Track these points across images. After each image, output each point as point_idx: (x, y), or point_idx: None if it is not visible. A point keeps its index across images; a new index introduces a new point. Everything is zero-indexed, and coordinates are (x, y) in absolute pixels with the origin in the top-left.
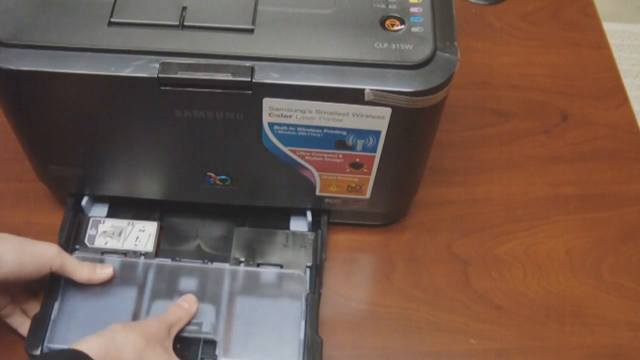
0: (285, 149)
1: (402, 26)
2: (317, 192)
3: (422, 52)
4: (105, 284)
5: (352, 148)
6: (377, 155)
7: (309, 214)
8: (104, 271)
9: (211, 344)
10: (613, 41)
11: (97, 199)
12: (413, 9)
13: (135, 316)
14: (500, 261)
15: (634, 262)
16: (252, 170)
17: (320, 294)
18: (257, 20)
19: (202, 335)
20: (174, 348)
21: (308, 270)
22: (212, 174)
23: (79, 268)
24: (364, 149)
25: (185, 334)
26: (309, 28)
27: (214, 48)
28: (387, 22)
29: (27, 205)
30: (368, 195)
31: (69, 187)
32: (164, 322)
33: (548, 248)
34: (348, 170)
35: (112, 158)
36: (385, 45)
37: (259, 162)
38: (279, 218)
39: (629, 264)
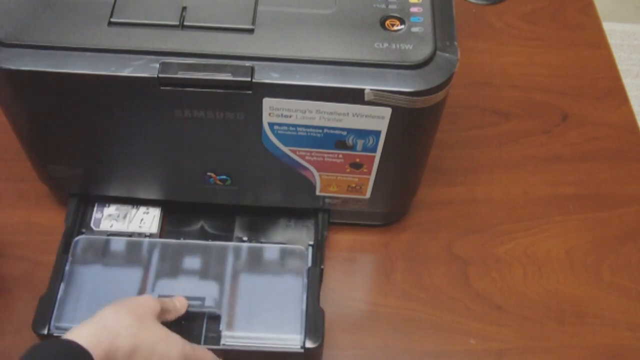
0: (285, 149)
1: (402, 26)
2: (317, 192)
3: (422, 52)
4: (111, 263)
5: (352, 148)
6: (377, 155)
7: None
8: None
9: (215, 319)
10: (613, 41)
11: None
12: (413, 9)
13: (140, 294)
14: (500, 261)
15: (634, 262)
16: (252, 170)
17: (322, 269)
18: (257, 20)
19: (206, 310)
20: (180, 325)
21: (310, 248)
22: (212, 174)
23: None
24: (364, 149)
25: (190, 309)
26: (309, 28)
27: (214, 48)
28: (387, 22)
29: (27, 205)
30: (368, 195)
31: (69, 187)
32: (159, 301)
33: (548, 248)
34: (348, 170)
35: (112, 158)
36: (385, 45)
37: (259, 162)
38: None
39: (629, 264)
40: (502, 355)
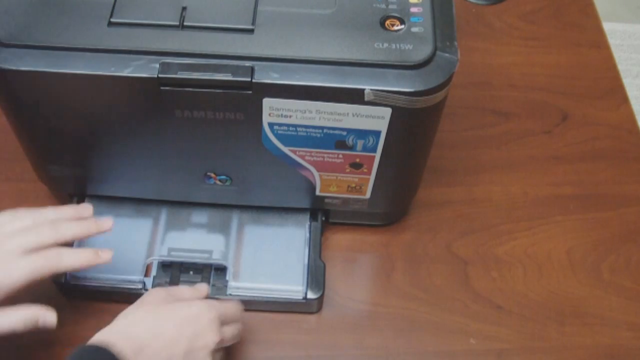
0: (285, 149)
1: (402, 26)
2: (317, 192)
3: (422, 52)
4: (122, 219)
5: (352, 148)
6: (377, 155)
7: None
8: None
9: (221, 270)
10: (613, 41)
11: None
12: (413, 9)
13: (151, 247)
14: (500, 261)
15: (634, 262)
16: (252, 171)
17: (323, 221)
18: (257, 20)
19: (213, 262)
20: (187, 274)
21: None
22: (212, 174)
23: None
24: (364, 149)
25: (197, 261)
26: (309, 28)
27: (214, 48)
28: (387, 22)
29: (27, 205)
30: (368, 195)
31: (69, 187)
32: (164, 289)
33: (548, 248)
34: (348, 170)
35: (112, 158)
36: (385, 45)
37: (259, 162)
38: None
39: (629, 264)
40: (502, 355)
